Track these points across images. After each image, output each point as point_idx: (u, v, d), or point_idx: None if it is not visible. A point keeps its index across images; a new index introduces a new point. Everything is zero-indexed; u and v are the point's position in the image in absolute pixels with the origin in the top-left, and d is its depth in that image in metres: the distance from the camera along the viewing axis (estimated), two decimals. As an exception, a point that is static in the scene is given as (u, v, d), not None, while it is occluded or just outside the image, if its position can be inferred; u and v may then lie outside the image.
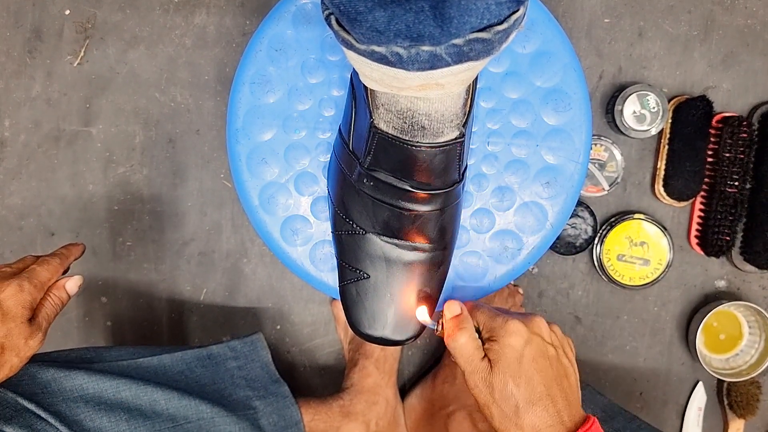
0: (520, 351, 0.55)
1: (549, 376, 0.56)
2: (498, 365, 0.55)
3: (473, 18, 0.42)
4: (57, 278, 0.63)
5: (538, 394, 0.54)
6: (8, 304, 0.57)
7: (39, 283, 0.60)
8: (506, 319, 0.57)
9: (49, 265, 0.62)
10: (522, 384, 0.54)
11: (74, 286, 0.63)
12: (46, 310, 0.60)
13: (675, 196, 0.92)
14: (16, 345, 0.56)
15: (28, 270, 0.60)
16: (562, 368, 0.58)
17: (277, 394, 0.80)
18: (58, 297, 0.62)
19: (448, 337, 0.58)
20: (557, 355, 0.58)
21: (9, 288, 0.57)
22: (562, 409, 0.54)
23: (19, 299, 0.57)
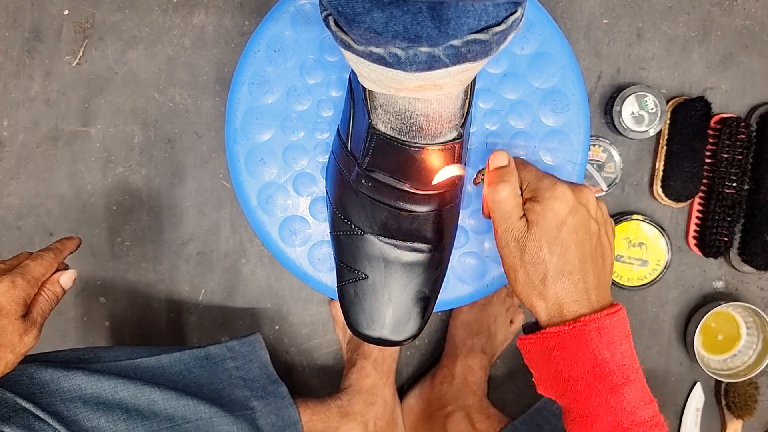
0: (562, 218, 0.52)
1: (586, 251, 0.53)
2: (536, 227, 0.52)
3: (471, 19, 0.42)
4: (51, 273, 0.63)
5: (571, 266, 0.52)
6: (1, 301, 0.57)
7: (32, 279, 0.60)
8: (554, 182, 0.54)
9: (42, 260, 0.62)
10: (557, 252, 0.52)
11: (68, 280, 0.63)
12: (41, 306, 0.60)
13: (673, 197, 0.92)
14: (10, 341, 0.56)
15: (22, 266, 0.60)
16: (601, 247, 0.55)
17: (276, 394, 0.80)
18: (53, 292, 0.62)
19: (488, 186, 0.55)
20: (599, 233, 0.55)
21: (2, 284, 0.57)
22: (592, 288, 0.52)
23: (12, 295, 0.57)
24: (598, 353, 0.50)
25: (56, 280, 0.62)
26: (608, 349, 0.51)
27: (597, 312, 0.51)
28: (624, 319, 0.52)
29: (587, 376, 0.51)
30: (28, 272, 0.60)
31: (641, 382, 0.52)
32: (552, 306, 0.52)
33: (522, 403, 0.95)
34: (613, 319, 0.51)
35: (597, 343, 0.50)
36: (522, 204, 0.55)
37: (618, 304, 0.53)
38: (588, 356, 0.51)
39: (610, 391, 0.50)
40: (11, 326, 0.56)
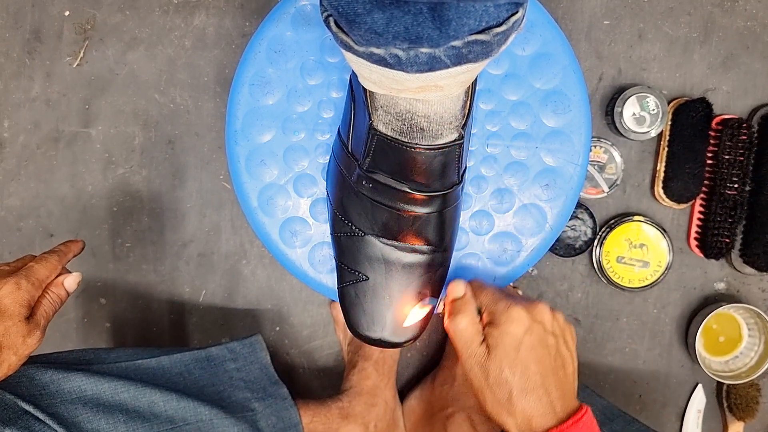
0: (519, 339, 0.55)
1: (546, 366, 0.56)
2: (495, 351, 0.55)
3: (472, 20, 0.42)
4: (55, 276, 0.63)
5: (533, 384, 0.54)
6: (5, 303, 0.56)
7: (37, 281, 0.60)
8: (509, 305, 0.57)
9: (47, 262, 0.62)
10: (517, 372, 0.54)
11: (73, 283, 0.63)
12: (44, 308, 0.60)
13: (674, 198, 0.92)
14: (14, 343, 0.56)
15: (26, 268, 0.60)
16: (560, 358, 0.57)
17: (276, 395, 0.80)
18: (57, 294, 0.62)
19: (448, 317, 0.58)
20: (557, 345, 0.58)
21: (6, 286, 0.57)
22: (555, 399, 0.55)
23: (17, 297, 0.57)
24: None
25: (60, 283, 0.62)
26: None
27: (563, 422, 0.54)
28: (591, 420, 0.55)
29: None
30: (33, 274, 0.60)
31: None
32: (521, 422, 0.54)
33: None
34: (578, 426, 0.54)
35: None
36: (482, 329, 0.58)
37: (583, 407, 0.55)
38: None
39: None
40: (15, 328, 0.56)
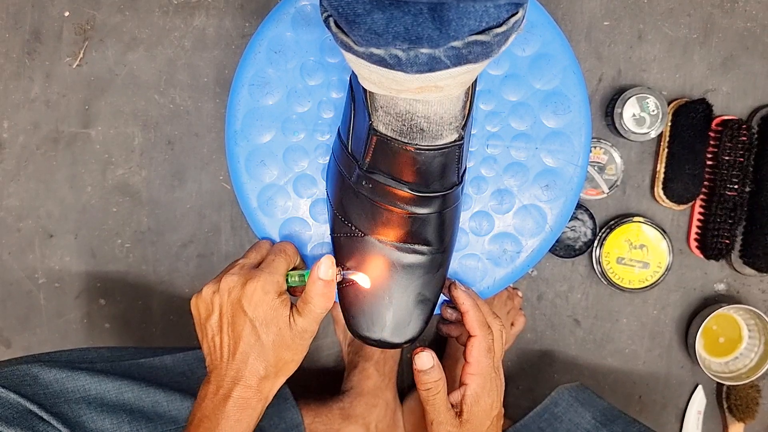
0: (489, 411, 0.61)
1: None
2: (467, 426, 0.60)
3: (472, 20, 0.42)
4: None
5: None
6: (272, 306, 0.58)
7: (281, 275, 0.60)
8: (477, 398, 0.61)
9: (285, 256, 0.63)
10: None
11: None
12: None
13: (674, 199, 0.92)
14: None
15: (268, 263, 0.61)
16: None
17: (278, 395, 0.80)
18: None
19: (419, 388, 0.61)
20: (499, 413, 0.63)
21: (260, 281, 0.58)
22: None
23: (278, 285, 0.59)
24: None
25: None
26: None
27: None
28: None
29: None
30: (276, 270, 0.60)
31: None
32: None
33: (522, 406, 0.95)
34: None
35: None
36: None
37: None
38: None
39: None
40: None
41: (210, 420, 0.56)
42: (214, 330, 0.59)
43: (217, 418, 0.56)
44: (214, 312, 0.59)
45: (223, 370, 0.57)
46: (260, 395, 0.57)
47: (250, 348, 0.57)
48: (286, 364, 0.59)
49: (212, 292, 0.59)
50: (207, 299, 0.59)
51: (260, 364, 0.57)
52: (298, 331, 0.58)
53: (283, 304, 0.58)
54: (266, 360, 0.57)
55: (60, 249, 0.96)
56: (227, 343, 0.58)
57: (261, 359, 0.57)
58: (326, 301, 0.57)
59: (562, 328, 0.97)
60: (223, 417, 0.56)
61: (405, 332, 0.62)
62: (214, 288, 0.59)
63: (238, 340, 0.57)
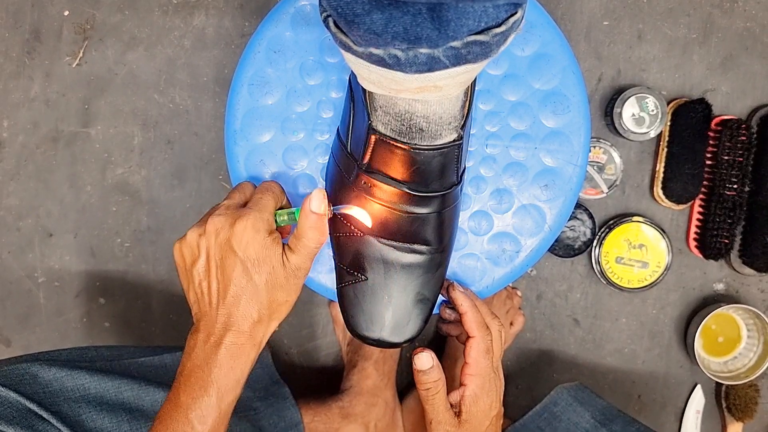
0: (488, 411, 0.62)
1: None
2: (466, 426, 0.61)
3: (471, 20, 0.42)
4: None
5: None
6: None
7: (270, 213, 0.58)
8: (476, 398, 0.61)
9: (272, 194, 0.60)
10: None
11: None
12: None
13: (674, 198, 0.92)
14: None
15: (255, 201, 0.58)
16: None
17: (278, 395, 0.80)
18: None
19: (419, 388, 0.61)
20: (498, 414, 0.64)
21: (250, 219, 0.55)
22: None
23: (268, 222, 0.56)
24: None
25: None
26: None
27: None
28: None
29: None
30: (265, 208, 0.57)
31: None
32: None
33: (522, 405, 0.95)
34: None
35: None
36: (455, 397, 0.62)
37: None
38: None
39: None
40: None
41: (201, 369, 0.54)
42: (201, 275, 0.56)
43: (209, 367, 0.54)
44: (201, 255, 0.56)
45: (212, 316, 0.55)
46: (253, 341, 0.55)
47: (242, 290, 0.54)
48: (280, 306, 0.56)
49: (198, 235, 0.56)
50: (192, 243, 0.56)
51: (253, 307, 0.54)
52: (292, 269, 0.56)
53: (274, 242, 0.55)
54: (259, 302, 0.54)
55: (60, 248, 0.96)
56: (216, 287, 0.55)
57: (254, 301, 0.54)
58: (320, 234, 0.55)
59: (561, 327, 0.97)
60: (216, 365, 0.53)
61: (404, 332, 0.62)
62: (199, 231, 0.56)
63: (228, 283, 0.54)
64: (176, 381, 0.55)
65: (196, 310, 0.57)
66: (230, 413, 0.55)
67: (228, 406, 0.54)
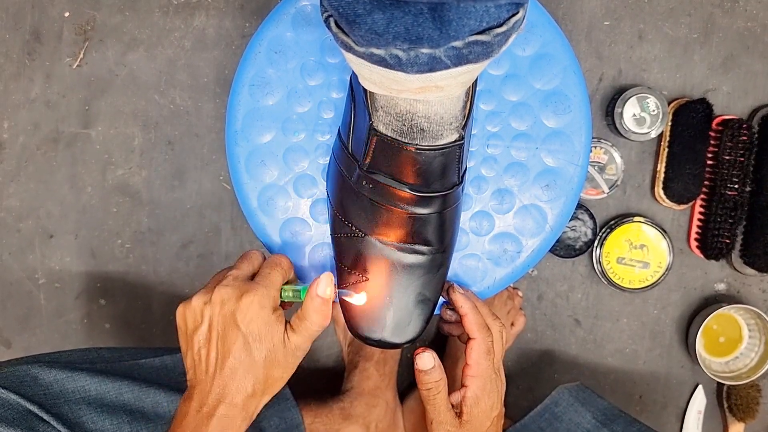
0: (489, 413, 0.62)
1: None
2: (467, 426, 0.61)
3: (472, 20, 0.42)
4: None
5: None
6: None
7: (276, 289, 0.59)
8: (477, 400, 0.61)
9: (280, 269, 0.61)
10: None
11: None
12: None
13: (675, 198, 0.92)
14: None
15: (263, 276, 0.59)
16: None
17: (279, 396, 0.80)
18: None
19: (420, 388, 0.61)
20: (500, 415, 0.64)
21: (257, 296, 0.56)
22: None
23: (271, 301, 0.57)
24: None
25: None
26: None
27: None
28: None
29: None
30: (273, 284, 0.58)
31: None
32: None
33: (523, 406, 0.95)
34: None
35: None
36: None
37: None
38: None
39: None
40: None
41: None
42: (201, 342, 0.57)
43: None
44: (203, 323, 0.57)
45: (207, 385, 0.55)
46: (245, 414, 0.55)
47: (240, 363, 0.55)
48: (275, 382, 0.57)
49: (203, 303, 0.57)
50: (197, 310, 0.57)
51: (248, 381, 0.55)
52: (292, 348, 0.57)
53: (278, 320, 0.56)
54: (255, 377, 0.55)
55: (60, 249, 0.96)
56: (215, 357, 0.56)
57: (250, 375, 0.55)
58: (323, 318, 0.56)
59: (562, 327, 0.97)
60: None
61: (405, 332, 0.62)
62: (205, 299, 0.57)
63: (227, 355, 0.55)
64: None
65: (191, 375, 0.57)
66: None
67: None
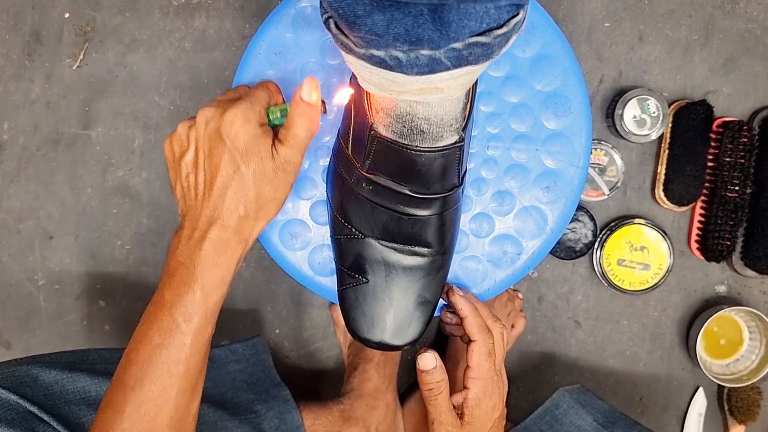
0: (490, 413, 0.62)
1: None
2: (469, 427, 0.61)
3: (472, 22, 0.41)
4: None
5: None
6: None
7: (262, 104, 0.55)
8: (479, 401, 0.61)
9: (266, 88, 0.58)
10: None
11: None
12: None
13: (675, 200, 0.92)
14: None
15: (249, 94, 0.56)
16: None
17: (279, 397, 0.80)
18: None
19: (422, 389, 0.61)
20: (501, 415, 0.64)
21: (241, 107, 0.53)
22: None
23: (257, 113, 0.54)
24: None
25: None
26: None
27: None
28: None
29: None
30: (257, 100, 0.55)
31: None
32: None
33: (523, 408, 0.95)
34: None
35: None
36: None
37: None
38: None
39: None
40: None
41: (185, 266, 0.51)
42: (188, 167, 0.54)
43: (193, 263, 0.51)
44: (190, 148, 0.53)
45: (198, 209, 0.52)
46: (239, 236, 0.52)
47: (229, 180, 0.51)
48: (267, 202, 0.54)
49: (188, 127, 0.54)
50: (182, 135, 0.54)
51: (239, 200, 0.52)
52: (281, 161, 0.53)
53: (264, 133, 0.53)
54: (246, 195, 0.52)
55: (60, 250, 0.96)
56: (203, 178, 0.53)
57: (240, 194, 0.52)
58: (310, 123, 0.53)
59: (562, 329, 0.97)
60: (200, 260, 0.51)
61: (405, 334, 0.62)
62: (189, 123, 0.54)
63: (215, 173, 0.52)
64: (160, 280, 0.53)
65: (182, 206, 0.55)
66: (217, 313, 0.53)
67: (214, 304, 0.52)
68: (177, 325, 0.51)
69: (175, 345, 0.51)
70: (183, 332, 0.51)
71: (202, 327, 0.51)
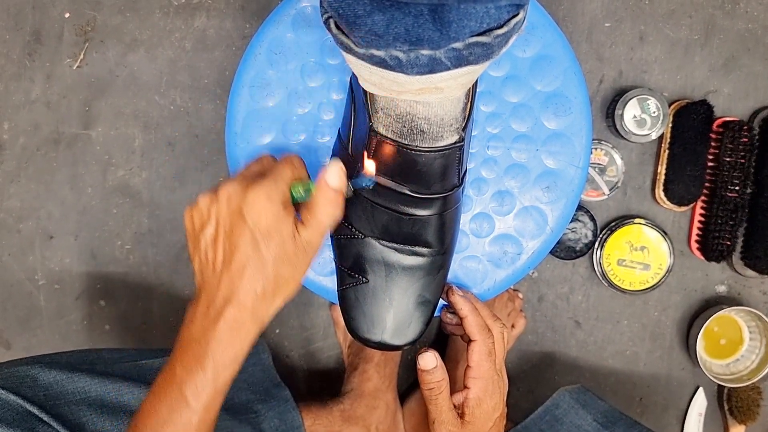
0: (490, 413, 0.62)
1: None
2: (469, 427, 0.61)
3: (473, 22, 0.41)
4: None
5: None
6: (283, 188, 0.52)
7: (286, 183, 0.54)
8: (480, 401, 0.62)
9: (292, 164, 0.57)
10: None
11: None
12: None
13: (675, 200, 0.92)
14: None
15: (275, 170, 0.55)
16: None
17: (279, 398, 0.80)
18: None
19: (423, 388, 0.62)
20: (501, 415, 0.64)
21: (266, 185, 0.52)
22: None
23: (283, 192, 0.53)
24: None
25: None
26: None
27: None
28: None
29: None
30: (282, 178, 0.54)
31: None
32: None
33: (523, 408, 0.95)
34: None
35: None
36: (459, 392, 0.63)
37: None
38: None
39: None
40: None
41: (198, 343, 0.51)
42: (207, 242, 0.53)
43: (206, 341, 0.51)
44: (210, 222, 0.53)
45: (214, 285, 0.52)
46: (255, 317, 0.52)
47: (248, 259, 0.51)
48: (286, 282, 0.53)
49: (209, 201, 0.53)
50: (203, 209, 0.53)
51: (257, 280, 0.51)
52: (302, 244, 0.52)
53: (287, 214, 0.52)
54: (264, 275, 0.51)
55: (60, 250, 0.96)
56: (222, 255, 0.52)
57: (259, 274, 0.51)
58: (335, 209, 0.53)
59: (562, 329, 0.97)
60: (214, 339, 0.51)
61: (405, 334, 0.62)
62: (211, 197, 0.53)
63: (234, 251, 0.51)
64: (173, 352, 0.53)
65: (199, 279, 0.54)
66: (226, 391, 0.53)
67: (224, 384, 0.52)
68: (186, 401, 0.51)
69: (183, 423, 0.51)
70: (192, 410, 0.51)
71: (210, 404, 0.51)
